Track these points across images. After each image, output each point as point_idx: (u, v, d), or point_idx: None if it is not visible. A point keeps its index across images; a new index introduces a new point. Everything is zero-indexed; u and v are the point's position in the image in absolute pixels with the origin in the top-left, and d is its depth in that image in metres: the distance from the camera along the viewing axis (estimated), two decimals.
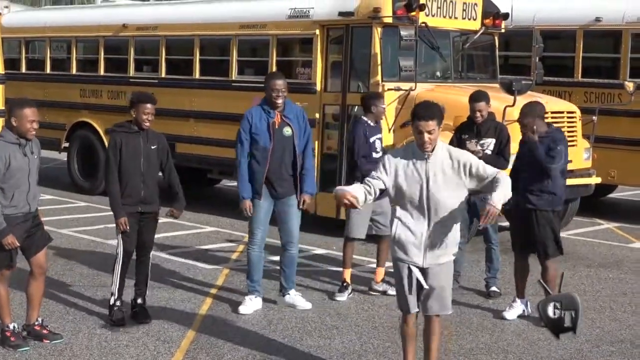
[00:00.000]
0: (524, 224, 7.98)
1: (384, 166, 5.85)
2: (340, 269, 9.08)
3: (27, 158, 6.85)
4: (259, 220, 8.25)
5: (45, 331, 7.18)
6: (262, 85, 8.01)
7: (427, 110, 5.74)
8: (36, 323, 7.17)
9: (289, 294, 8.49)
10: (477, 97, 9.02)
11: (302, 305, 8.39)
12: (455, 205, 5.80)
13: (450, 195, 5.77)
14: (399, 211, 5.88)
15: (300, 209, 8.33)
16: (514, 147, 8.59)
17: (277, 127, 8.11)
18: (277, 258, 9.06)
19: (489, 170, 5.79)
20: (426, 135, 5.69)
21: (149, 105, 7.61)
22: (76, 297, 8.57)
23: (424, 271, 5.88)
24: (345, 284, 8.84)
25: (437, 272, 5.89)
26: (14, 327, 7.06)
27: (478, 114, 8.96)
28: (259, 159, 8.11)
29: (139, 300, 7.91)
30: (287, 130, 8.14)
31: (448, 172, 5.77)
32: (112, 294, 7.78)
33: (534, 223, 7.91)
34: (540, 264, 8.06)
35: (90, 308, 8.18)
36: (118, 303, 7.75)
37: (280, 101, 8.08)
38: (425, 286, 5.88)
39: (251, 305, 8.31)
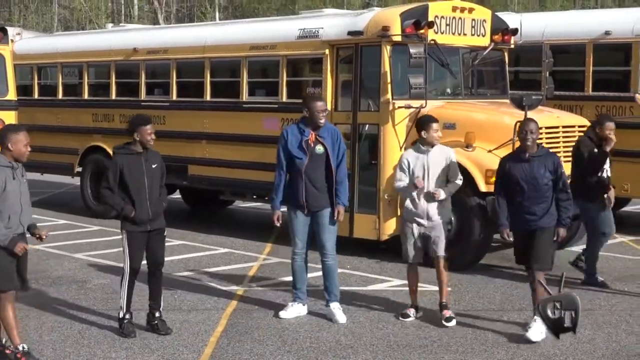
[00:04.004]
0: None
1: None
2: (351, 288, 9.05)
3: (18, 181, 7.06)
4: (298, 231, 8.70)
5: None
6: (275, 106, 8.16)
7: None
8: (16, 351, 7.14)
9: (329, 306, 8.70)
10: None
11: (338, 319, 8.57)
12: None
13: None
14: None
15: (336, 219, 8.68)
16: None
17: (311, 145, 8.51)
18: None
19: None
20: None
21: (149, 126, 8.06)
22: (91, 321, 8.57)
23: None
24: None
25: None
26: (23, 347, 7.11)
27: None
28: (296, 175, 8.56)
29: (157, 314, 8.13)
30: (320, 149, 8.55)
31: None
32: (120, 308, 8.08)
33: None
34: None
35: (105, 332, 8.19)
36: (127, 316, 8.04)
37: (323, 121, 8.54)
38: None
39: (292, 310, 8.75)
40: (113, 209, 8.23)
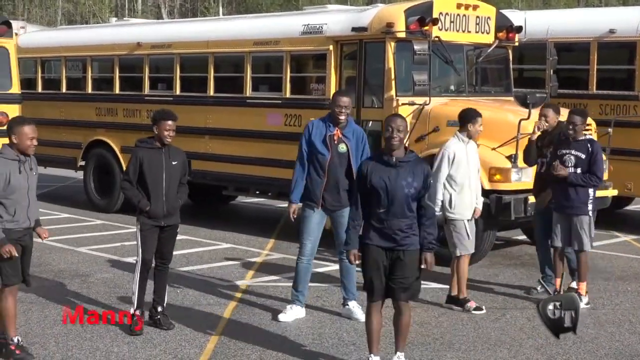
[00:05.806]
0: None
1: None
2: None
3: (26, 174, 7.02)
4: (310, 231, 8.49)
5: (18, 352, 7.13)
6: (278, 102, 8.12)
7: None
8: (11, 342, 7.13)
9: (347, 305, 8.59)
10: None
11: (358, 316, 8.42)
12: None
13: None
14: None
15: None
16: None
17: (334, 141, 8.36)
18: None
19: None
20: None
21: (170, 122, 7.93)
22: (93, 315, 8.58)
23: None
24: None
25: None
26: (17, 340, 7.13)
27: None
28: (317, 171, 8.39)
29: (159, 308, 8.15)
30: (342, 147, 8.38)
31: None
32: (132, 304, 8.07)
33: None
34: None
35: (108, 326, 8.18)
36: (138, 312, 8.00)
37: (342, 117, 8.36)
38: None
39: (291, 313, 8.53)
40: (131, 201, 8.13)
